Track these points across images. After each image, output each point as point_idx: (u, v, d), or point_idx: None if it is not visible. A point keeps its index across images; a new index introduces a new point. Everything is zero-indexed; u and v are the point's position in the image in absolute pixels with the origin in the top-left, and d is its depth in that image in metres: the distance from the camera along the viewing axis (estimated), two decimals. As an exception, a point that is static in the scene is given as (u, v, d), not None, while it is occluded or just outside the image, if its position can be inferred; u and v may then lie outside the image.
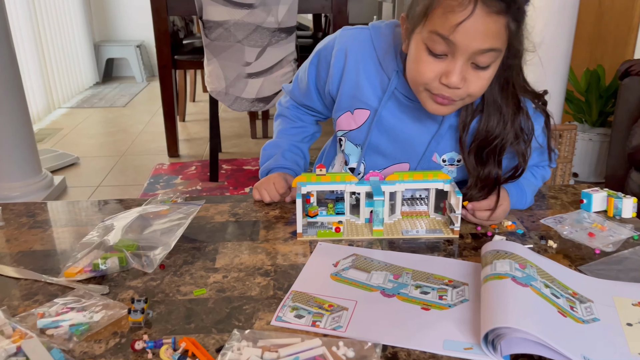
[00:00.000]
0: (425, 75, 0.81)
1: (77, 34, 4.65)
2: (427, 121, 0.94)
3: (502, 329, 0.60)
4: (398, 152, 0.99)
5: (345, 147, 1.03)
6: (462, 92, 0.81)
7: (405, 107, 0.94)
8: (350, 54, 0.95)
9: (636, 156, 1.78)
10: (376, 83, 0.94)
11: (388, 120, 0.96)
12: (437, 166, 0.98)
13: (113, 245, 0.81)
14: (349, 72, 0.95)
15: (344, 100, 0.98)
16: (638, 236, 0.87)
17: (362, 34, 0.95)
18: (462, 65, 0.79)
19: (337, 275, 0.77)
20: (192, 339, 0.62)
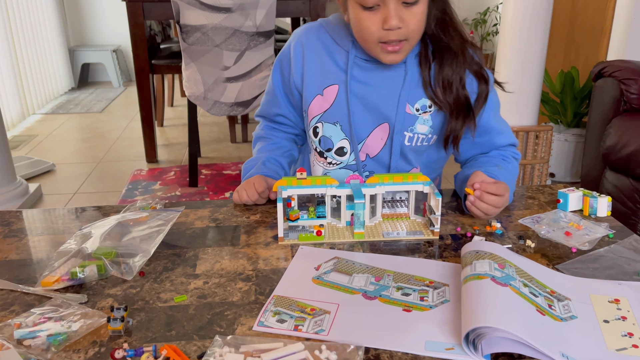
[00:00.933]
0: (369, 29, 0.92)
1: (51, 38, 4.58)
2: (392, 76, 1.01)
3: (482, 329, 0.60)
4: (375, 114, 1.03)
5: (323, 131, 1.06)
6: (403, 31, 0.91)
7: (368, 71, 1.02)
8: (306, 43, 1.05)
9: (610, 156, 1.82)
10: (337, 59, 1.03)
11: (357, 87, 1.02)
12: (413, 117, 1.02)
13: (91, 253, 0.79)
14: (309, 58, 1.04)
15: (311, 85, 1.04)
16: (613, 234, 0.89)
17: (313, 25, 1.06)
18: (394, 7, 0.89)
19: (318, 279, 0.77)
20: (173, 346, 0.62)
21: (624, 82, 1.83)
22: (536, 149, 2.34)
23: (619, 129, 1.80)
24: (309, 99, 1.05)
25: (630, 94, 1.82)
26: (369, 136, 1.05)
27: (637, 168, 1.71)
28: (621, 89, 1.84)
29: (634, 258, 0.82)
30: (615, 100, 1.86)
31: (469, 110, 0.99)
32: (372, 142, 1.05)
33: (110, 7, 5.04)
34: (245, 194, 1.00)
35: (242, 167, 1.13)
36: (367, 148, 1.06)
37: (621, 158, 1.77)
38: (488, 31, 4.87)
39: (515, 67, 2.29)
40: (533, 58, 2.26)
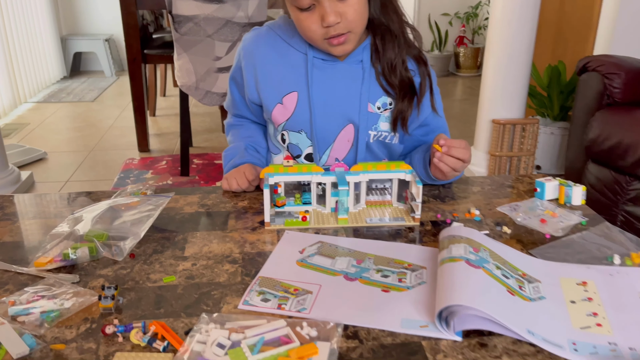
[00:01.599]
0: (310, 28, 0.93)
1: (43, 27, 4.56)
2: (350, 76, 1.02)
3: (454, 307, 0.64)
4: (338, 117, 1.04)
5: (289, 139, 1.07)
6: (343, 24, 0.92)
7: (327, 72, 1.02)
8: (255, 52, 1.03)
9: (593, 148, 1.86)
10: (294, 63, 1.02)
11: (317, 91, 1.02)
12: (375, 116, 1.04)
13: (83, 235, 0.82)
14: (261, 68, 1.03)
15: (269, 96, 1.04)
16: (586, 222, 0.93)
17: (261, 31, 1.05)
18: (329, 4, 0.90)
19: (302, 262, 0.80)
20: (161, 323, 0.65)
21: (607, 77, 1.87)
22: (522, 142, 2.38)
23: (601, 122, 1.84)
24: (270, 108, 1.05)
25: (613, 88, 1.86)
26: (335, 140, 1.05)
27: (618, 160, 1.76)
28: (604, 83, 1.88)
29: (604, 244, 0.86)
30: (599, 94, 1.90)
31: (413, 93, 1.02)
32: (339, 145, 1.06)
33: (102, -4, 5.02)
34: (236, 182, 1.03)
35: (222, 155, 1.15)
36: (335, 152, 1.07)
37: (603, 150, 1.81)
38: (479, 25, 4.90)
39: (504, 61, 2.32)
40: (521, 52, 2.30)
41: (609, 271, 0.77)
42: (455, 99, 4.26)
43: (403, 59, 1.01)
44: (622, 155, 1.74)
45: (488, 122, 2.44)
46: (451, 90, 4.51)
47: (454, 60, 5.01)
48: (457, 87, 4.62)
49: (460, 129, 3.43)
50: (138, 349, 0.62)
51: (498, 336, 0.64)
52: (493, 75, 2.36)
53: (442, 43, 4.91)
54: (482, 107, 2.48)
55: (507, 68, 2.32)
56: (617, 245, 0.85)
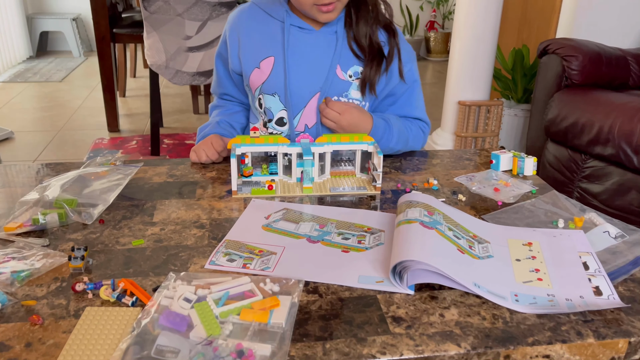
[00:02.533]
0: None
1: (8, 5, 4.43)
2: (324, 45, 1.08)
3: (407, 262, 0.69)
4: (310, 83, 1.09)
5: (265, 102, 1.12)
6: None
7: (302, 40, 1.08)
8: (238, 23, 1.11)
9: (551, 128, 1.94)
10: (272, 31, 1.08)
11: (292, 57, 1.08)
12: (347, 84, 1.09)
13: (52, 201, 0.84)
14: (244, 37, 1.10)
15: (248, 61, 1.10)
16: (536, 190, 0.98)
17: (245, 6, 1.13)
18: None
19: (268, 226, 0.84)
20: (130, 280, 0.68)
21: (566, 59, 1.94)
22: (487, 123, 2.46)
23: (559, 102, 1.91)
24: (248, 73, 1.11)
25: (571, 70, 1.94)
26: (306, 106, 1.10)
27: (574, 139, 1.84)
28: (563, 65, 1.95)
29: (551, 210, 0.92)
30: (558, 76, 1.98)
31: (381, 58, 1.09)
32: (309, 111, 1.10)
33: (69, -26, 4.90)
34: (204, 153, 1.06)
35: (197, 130, 1.19)
36: (305, 118, 1.11)
37: (560, 130, 1.89)
38: (450, 10, 4.96)
39: (469, 44, 2.38)
40: (486, 35, 2.36)
41: (553, 233, 0.83)
42: (426, 82, 4.33)
43: (373, 27, 1.08)
44: (578, 135, 1.82)
45: (454, 103, 2.51)
46: (422, 75, 4.58)
47: (424, 44, 5.07)
48: (428, 72, 4.69)
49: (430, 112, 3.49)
50: (107, 305, 0.65)
51: (448, 289, 0.69)
52: (460, 59, 2.42)
53: (413, 28, 4.95)
54: (449, 90, 2.54)
55: (473, 51, 2.38)
56: (562, 211, 0.91)
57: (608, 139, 1.71)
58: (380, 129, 1.08)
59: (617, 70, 1.98)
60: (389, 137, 1.10)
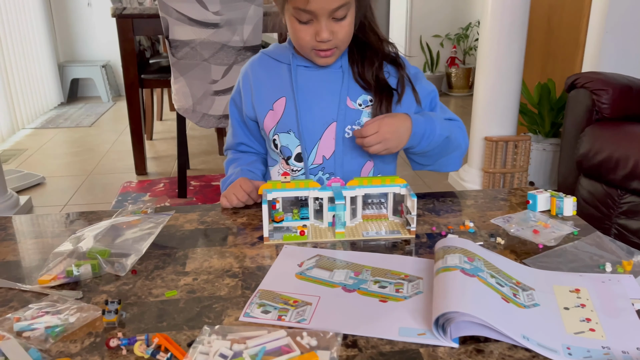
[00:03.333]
0: (304, 40, 1.03)
1: (41, 54, 4.62)
2: (332, 79, 1.11)
3: (451, 314, 0.66)
4: (322, 116, 1.11)
5: (280, 142, 1.13)
6: (334, 42, 1.03)
7: (310, 77, 1.12)
8: (251, 73, 1.15)
9: (584, 163, 1.90)
10: (281, 74, 1.13)
11: (302, 94, 1.11)
12: (357, 112, 1.11)
13: (85, 252, 0.84)
14: (256, 84, 1.14)
15: (262, 106, 1.13)
16: (578, 232, 0.95)
17: (255, 57, 1.18)
18: (326, 22, 1.00)
19: (301, 274, 0.82)
20: (164, 335, 0.66)
21: (596, 93, 1.91)
22: (515, 159, 2.42)
23: (591, 137, 1.87)
24: (262, 117, 1.14)
25: (601, 104, 1.90)
26: (321, 138, 1.12)
27: (609, 174, 1.79)
28: (593, 99, 1.92)
29: (596, 252, 0.88)
30: (588, 110, 1.94)
31: (390, 93, 1.11)
32: (324, 143, 1.12)
33: (99, 23, 5.11)
34: (234, 197, 1.05)
35: (220, 182, 1.20)
36: (322, 150, 1.13)
37: (594, 165, 1.84)
38: (470, 46, 5.00)
39: (494, 80, 2.37)
40: (511, 71, 2.35)
41: (601, 278, 0.79)
42: (449, 118, 4.32)
43: (379, 64, 1.11)
44: (612, 169, 1.77)
45: (481, 139, 2.48)
46: (444, 110, 4.57)
47: (446, 80, 5.09)
48: (450, 107, 4.69)
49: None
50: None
51: (494, 342, 0.66)
52: (484, 94, 2.41)
53: (434, 64, 4.99)
54: (475, 126, 2.52)
55: (498, 87, 2.37)
56: (608, 253, 0.87)
57: (645, 174, 1.66)
58: (420, 120, 1.06)
59: (648, 102, 1.94)
60: (431, 124, 1.07)
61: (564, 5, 2.73)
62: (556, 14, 2.79)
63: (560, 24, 2.77)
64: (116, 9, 2.70)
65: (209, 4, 2.28)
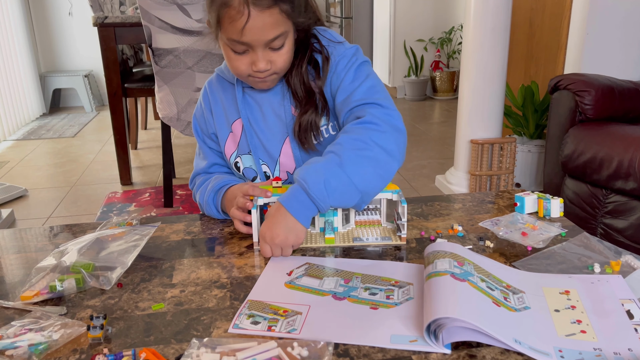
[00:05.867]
0: (240, 69, 0.97)
1: (21, 64, 4.56)
2: (274, 94, 1.06)
3: (442, 320, 0.65)
4: (276, 132, 1.07)
5: (243, 164, 1.10)
6: (272, 70, 0.97)
7: (256, 96, 1.07)
8: (210, 92, 1.13)
9: (568, 164, 1.91)
10: (233, 96, 1.09)
11: (252, 113, 1.08)
12: None
13: (69, 267, 0.82)
14: (214, 104, 1.11)
15: (222, 128, 1.10)
16: (565, 233, 0.95)
17: (210, 80, 1.14)
18: (262, 53, 0.94)
19: (291, 283, 0.81)
20: (152, 350, 0.65)
21: (578, 94, 1.93)
22: (501, 160, 2.43)
23: (575, 138, 1.89)
24: (223, 140, 1.10)
25: (584, 105, 1.92)
26: (280, 154, 1.08)
27: (593, 174, 1.81)
28: (576, 100, 1.94)
29: (584, 253, 0.88)
30: (571, 111, 1.96)
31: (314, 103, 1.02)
32: (284, 159, 1.07)
33: (81, 33, 5.06)
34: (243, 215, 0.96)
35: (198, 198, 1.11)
36: (284, 166, 1.08)
37: (578, 165, 1.86)
38: (454, 49, 5.03)
39: (478, 83, 2.39)
40: (495, 74, 2.37)
41: (590, 279, 0.79)
42: (434, 121, 4.34)
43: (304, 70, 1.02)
44: (597, 170, 1.79)
45: (466, 142, 2.49)
46: (429, 114, 4.60)
47: (430, 84, 5.12)
48: (435, 110, 4.71)
49: (440, 151, 3.48)
50: (129, 377, 0.62)
51: (486, 347, 0.65)
52: (469, 98, 2.42)
53: (418, 68, 5.02)
54: (460, 129, 2.53)
55: (482, 90, 2.39)
56: (596, 254, 0.87)
57: (629, 173, 1.67)
58: (300, 195, 0.87)
59: (630, 103, 1.96)
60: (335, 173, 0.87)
61: (545, 8, 2.76)
62: (537, 16, 2.82)
63: (542, 26, 2.80)
64: (97, 18, 2.67)
65: (192, 12, 2.26)
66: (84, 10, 4.89)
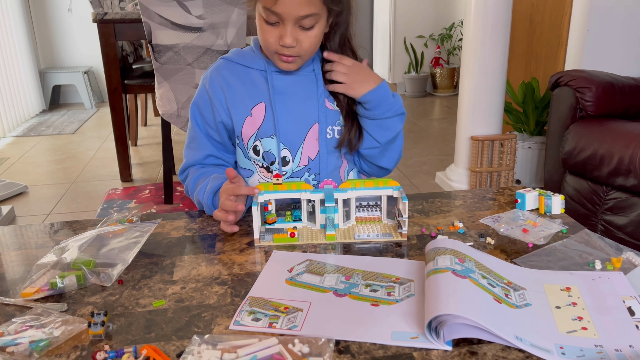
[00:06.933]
0: (269, 41, 1.01)
1: (21, 61, 4.55)
2: (306, 82, 1.11)
3: (443, 317, 0.65)
4: (303, 119, 1.10)
5: (263, 147, 1.11)
6: (296, 49, 1.01)
7: (285, 81, 1.10)
8: (219, 79, 1.10)
9: (569, 161, 1.91)
10: (256, 81, 1.10)
11: (281, 98, 1.09)
12: (336, 113, 1.12)
13: (70, 263, 0.82)
14: (229, 90, 1.10)
15: (239, 112, 1.10)
16: (566, 230, 0.95)
17: (219, 64, 1.14)
18: (291, 28, 0.99)
19: (291, 280, 0.81)
20: (153, 346, 0.65)
21: (579, 91, 1.93)
22: (502, 157, 2.43)
23: (575, 134, 1.89)
24: (240, 124, 1.10)
25: (585, 102, 1.92)
26: (304, 140, 1.11)
27: (594, 171, 1.80)
28: (577, 97, 1.94)
29: (585, 250, 0.88)
30: (572, 107, 1.96)
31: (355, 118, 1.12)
32: (308, 145, 1.11)
33: (80, 29, 5.04)
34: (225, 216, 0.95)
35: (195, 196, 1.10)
36: (306, 151, 1.12)
37: (579, 162, 1.86)
38: (454, 46, 5.02)
39: (479, 80, 2.38)
40: (495, 70, 2.36)
41: (591, 276, 0.79)
42: (434, 118, 4.33)
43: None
44: (597, 166, 1.79)
45: (467, 139, 2.49)
46: (429, 110, 4.59)
47: (430, 80, 5.11)
48: (435, 107, 4.71)
49: (440, 147, 3.48)
50: (130, 374, 0.62)
51: (487, 344, 0.65)
52: (469, 94, 2.42)
53: (418, 64, 5.01)
54: (461, 125, 2.53)
55: (482, 86, 2.38)
56: (597, 251, 0.87)
57: (629, 170, 1.67)
58: (388, 89, 1.09)
59: (631, 99, 1.96)
60: (396, 99, 1.10)
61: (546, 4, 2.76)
62: (538, 12, 2.82)
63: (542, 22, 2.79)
64: (97, 14, 2.67)
65: (192, 8, 2.26)
66: (84, 6, 4.88)
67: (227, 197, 0.96)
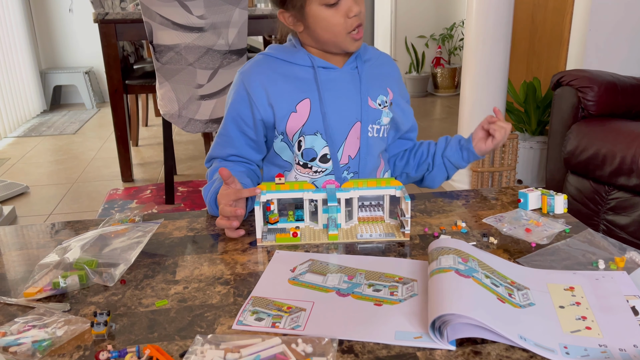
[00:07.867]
0: (338, 22, 1.03)
1: (22, 61, 4.55)
2: (350, 79, 1.12)
3: (447, 316, 0.65)
4: (346, 116, 1.11)
5: (305, 143, 1.10)
6: (361, 16, 1.05)
7: (330, 78, 1.11)
8: (260, 76, 1.09)
9: (571, 160, 1.91)
10: (300, 76, 1.10)
11: (326, 95, 1.09)
12: (377, 112, 1.13)
13: (72, 263, 0.82)
14: (271, 87, 1.09)
15: (282, 107, 1.09)
16: (569, 229, 0.95)
17: (258, 60, 1.13)
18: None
19: (294, 280, 0.81)
20: (156, 346, 0.64)
21: (581, 90, 1.92)
22: (503, 157, 2.43)
23: (578, 134, 1.89)
24: (284, 120, 1.08)
25: (587, 101, 1.92)
26: (346, 138, 1.11)
27: (596, 171, 1.80)
28: (578, 96, 1.93)
29: (588, 250, 0.88)
30: (574, 107, 1.96)
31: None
32: (350, 143, 1.12)
33: (81, 29, 5.05)
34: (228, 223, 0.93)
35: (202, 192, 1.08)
36: (347, 150, 1.12)
37: (581, 162, 1.85)
38: (455, 45, 5.02)
39: (480, 80, 2.38)
40: (496, 70, 2.36)
41: (594, 276, 0.79)
42: (435, 118, 4.33)
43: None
44: (599, 166, 1.78)
45: (468, 139, 2.48)
46: (430, 110, 4.59)
47: (431, 80, 5.11)
48: (436, 107, 4.70)
49: (442, 147, 3.47)
50: (133, 374, 0.62)
51: (491, 343, 0.65)
52: (471, 94, 2.42)
53: (419, 64, 5.01)
54: (462, 125, 2.53)
55: (484, 86, 2.38)
56: (600, 250, 0.87)
57: (632, 169, 1.67)
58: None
59: (633, 99, 1.96)
60: None
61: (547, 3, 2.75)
62: (540, 12, 2.81)
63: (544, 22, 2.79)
64: (98, 14, 2.67)
65: (193, 8, 2.26)
66: (85, 6, 4.88)
67: (227, 202, 0.94)
